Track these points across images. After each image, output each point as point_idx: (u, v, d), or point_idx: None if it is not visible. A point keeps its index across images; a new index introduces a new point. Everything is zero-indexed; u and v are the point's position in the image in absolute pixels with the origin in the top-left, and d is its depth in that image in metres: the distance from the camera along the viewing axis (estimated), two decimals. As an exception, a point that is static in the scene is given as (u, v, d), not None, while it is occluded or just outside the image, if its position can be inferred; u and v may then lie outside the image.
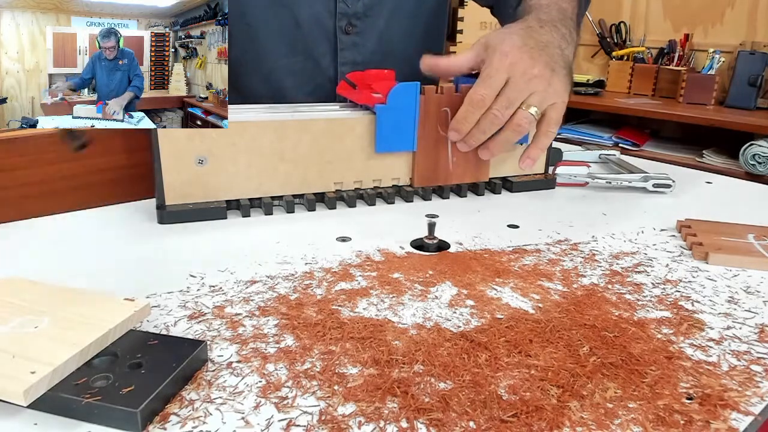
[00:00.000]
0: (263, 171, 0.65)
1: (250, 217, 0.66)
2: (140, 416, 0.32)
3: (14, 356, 0.34)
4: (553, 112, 0.67)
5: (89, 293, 0.41)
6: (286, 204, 0.67)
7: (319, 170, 0.68)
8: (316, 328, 0.43)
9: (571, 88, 0.69)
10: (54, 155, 0.66)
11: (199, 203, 0.64)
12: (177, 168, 0.62)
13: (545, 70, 0.65)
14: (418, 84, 0.68)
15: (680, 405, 0.36)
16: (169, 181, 0.62)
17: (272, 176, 0.66)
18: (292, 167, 0.67)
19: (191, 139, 0.62)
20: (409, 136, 0.70)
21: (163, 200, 0.62)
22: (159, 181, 0.62)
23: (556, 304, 0.47)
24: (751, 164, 1.83)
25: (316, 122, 0.66)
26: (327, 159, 0.68)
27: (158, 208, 0.63)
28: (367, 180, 0.71)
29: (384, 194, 0.72)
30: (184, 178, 0.62)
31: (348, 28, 0.85)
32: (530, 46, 0.65)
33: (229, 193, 0.65)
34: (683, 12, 2.28)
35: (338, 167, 0.69)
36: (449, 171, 0.73)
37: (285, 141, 0.65)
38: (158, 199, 0.63)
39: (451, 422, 0.33)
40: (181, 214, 0.63)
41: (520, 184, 0.78)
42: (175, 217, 0.63)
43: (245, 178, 0.65)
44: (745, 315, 0.47)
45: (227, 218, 0.65)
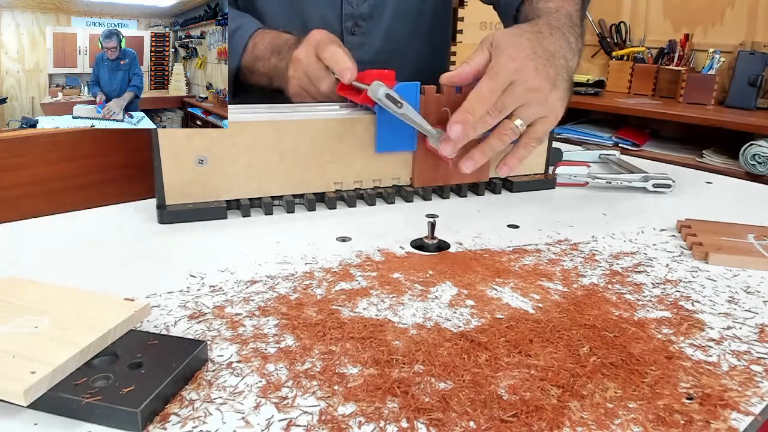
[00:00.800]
0: (263, 171, 0.65)
1: (251, 217, 0.66)
2: (140, 416, 0.32)
3: (14, 356, 0.34)
4: (540, 126, 0.66)
5: (89, 293, 0.41)
6: (286, 204, 0.67)
7: (319, 170, 0.68)
8: (316, 328, 0.43)
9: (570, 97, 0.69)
10: (54, 155, 0.66)
11: (199, 203, 0.64)
12: (177, 168, 0.62)
13: (546, 83, 0.64)
14: (418, 84, 0.67)
15: (680, 405, 0.36)
16: (170, 180, 0.62)
17: (272, 176, 0.66)
18: (292, 167, 0.66)
19: (191, 139, 0.62)
20: (409, 136, 0.70)
21: (164, 200, 0.62)
22: (159, 181, 0.62)
23: (556, 304, 0.47)
24: (751, 164, 1.83)
25: (316, 122, 0.66)
26: (327, 159, 0.68)
27: (158, 207, 0.63)
28: (367, 180, 0.71)
29: (384, 194, 0.71)
30: (185, 177, 0.62)
31: (354, 28, 0.86)
32: (538, 54, 0.65)
33: (229, 193, 0.65)
34: (683, 12, 2.28)
35: (338, 167, 0.69)
36: (449, 171, 0.73)
37: (285, 141, 0.65)
38: (158, 198, 0.63)
39: (451, 422, 0.33)
40: (181, 214, 0.63)
41: (520, 184, 0.78)
42: (175, 217, 0.62)
43: (245, 178, 0.65)
44: (745, 315, 0.47)
45: (227, 218, 0.65)
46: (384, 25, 0.88)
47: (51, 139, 0.65)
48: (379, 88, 0.63)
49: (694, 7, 2.24)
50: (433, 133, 0.67)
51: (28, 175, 0.64)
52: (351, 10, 0.85)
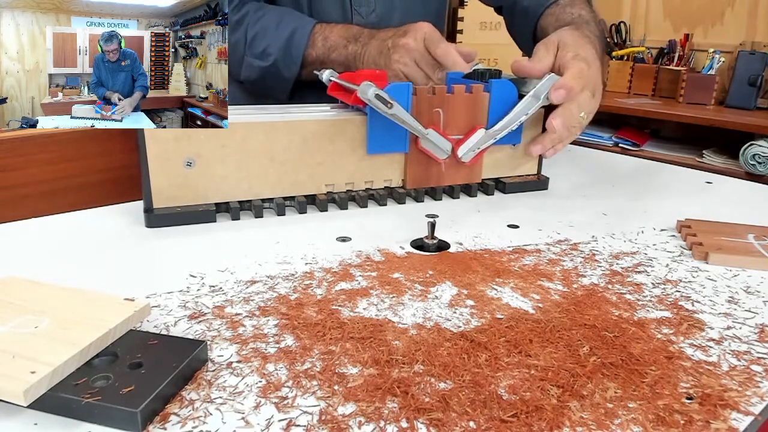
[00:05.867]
0: (253, 173, 0.64)
1: (244, 220, 0.65)
2: (140, 416, 0.32)
3: (14, 356, 0.34)
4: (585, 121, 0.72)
5: (89, 293, 0.41)
6: (277, 206, 0.66)
7: (310, 172, 0.67)
8: (316, 328, 0.43)
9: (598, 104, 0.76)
10: (54, 155, 0.66)
11: (187, 206, 0.63)
12: (165, 170, 0.61)
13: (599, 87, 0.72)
14: (410, 84, 0.66)
15: (680, 405, 0.36)
16: (157, 183, 0.61)
17: (262, 178, 0.65)
18: (283, 169, 0.65)
19: (179, 140, 0.60)
20: (401, 137, 0.69)
21: (151, 203, 0.61)
22: (146, 184, 0.61)
23: (556, 304, 0.47)
24: (751, 164, 1.83)
25: (306, 123, 0.65)
26: (318, 161, 0.67)
27: (146, 211, 0.62)
28: (359, 182, 0.70)
29: (376, 196, 0.71)
30: (172, 180, 0.61)
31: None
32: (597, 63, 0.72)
33: (218, 196, 0.64)
34: (683, 12, 2.28)
35: (329, 169, 0.68)
36: (442, 172, 0.72)
37: (275, 142, 0.64)
38: (145, 202, 0.62)
39: (451, 422, 0.33)
40: (169, 218, 0.61)
41: (512, 185, 0.77)
42: (163, 221, 0.61)
43: (235, 180, 0.64)
44: (745, 315, 0.47)
45: (216, 221, 0.64)
46: None
47: (51, 139, 0.65)
48: (368, 89, 0.62)
49: (694, 7, 2.24)
50: (425, 134, 0.67)
51: (28, 175, 0.64)
52: (361, 20, 0.88)
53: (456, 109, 0.70)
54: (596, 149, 1.05)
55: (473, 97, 0.70)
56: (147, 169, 0.60)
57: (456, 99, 0.69)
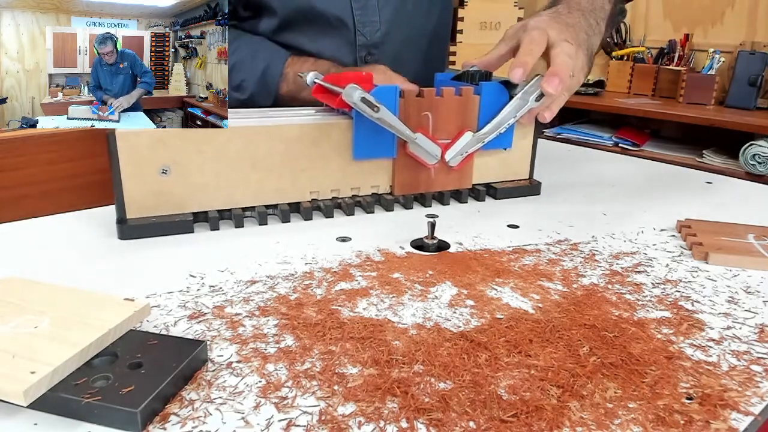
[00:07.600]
0: (233, 180, 0.61)
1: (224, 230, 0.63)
2: (140, 416, 0.32)
3: (14, 356, 0.34)
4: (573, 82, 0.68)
5: (89, 293, 0.41)
6: (259, 215, 0.63)
7: (293, 179, 0.64)
8: (316, 328, 0.43)
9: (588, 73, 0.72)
10: (54, 155, 0.66)
11: (163, 216, 0.59)
12: (138, 178, 0.57)
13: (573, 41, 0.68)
14: (398, 87, 0.64)
15: (680, 405, 0.36)
16: (130, 192, 0.58)
17: (243, 186, 0.62)
18: (265, 176, 0.62)
19: (153, 147, 0.57)
20: (388, 141, 0.66)
21: (124, 213, 0.58)
22: (118, 193, 0.57)
23: (556, 304, 0.47)
24: (751, 164, 1.83)
25: (289, 128, 0.62)
26: (302, 167, 0.64)
27: (118, 222, 0.58)
28: (345, 188, 0.67)
29: (363, 203, 0.68)
30: (146, 189, 0.58)
31: (367, 57, 0.89)
32: (557, 21, 0.69)
33: (196, 205, 0.61)
34: (683, 12, 2.28)
35: (314, 175, 0.65)
36: (431, 178, 0.70)
37: (256, 148, 0.61)
38: (118, 212, 0.58)
39: (451, 422, 0.33)
40: (143, 229, 0.58)
41: (504, 190, 0.75)
42: (137, 232, 0.58)
43: (214, 188, 0.61)
44: (745, 315, 0.47)
45: (194, 232, 0.61)
46: (394, 50, 0.90)
47: (51, 139, 0.65)
48: (353, 92, 0.59)
49: (694, 7, 2.24)
50: (413, 139, 0.65)
51: (28, 175, 0.64)
52: (365, 41, 0.88)
53: (445, 112, 0.67)
54: (596, 149, 1.05)
55: (463, 99, 0.68)
56: (119, 175, 0.57)
57: (445, 102, 0.67)
